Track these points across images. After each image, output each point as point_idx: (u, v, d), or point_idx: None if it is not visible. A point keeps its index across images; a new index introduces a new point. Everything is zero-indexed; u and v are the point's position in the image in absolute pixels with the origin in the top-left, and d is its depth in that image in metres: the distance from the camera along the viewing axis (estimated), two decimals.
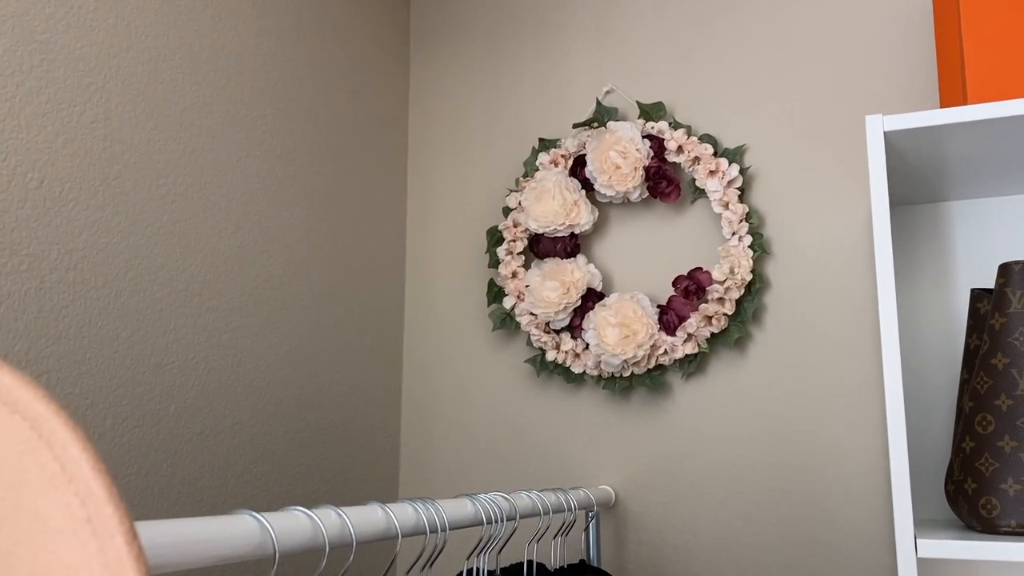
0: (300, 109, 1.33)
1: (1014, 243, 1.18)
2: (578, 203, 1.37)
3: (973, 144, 1.01)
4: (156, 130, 1.07)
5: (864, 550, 1.21)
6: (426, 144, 1.59)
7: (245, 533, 0.54)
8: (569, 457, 1.40)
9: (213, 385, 1.13)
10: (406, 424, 1.52)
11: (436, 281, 1.54)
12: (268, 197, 1.25)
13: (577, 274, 1.36)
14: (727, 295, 1.29)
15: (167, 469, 1.05)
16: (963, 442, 0.98)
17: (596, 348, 1.32)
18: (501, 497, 0.90)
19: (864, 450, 1.23)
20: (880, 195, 0.95)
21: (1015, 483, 0.92)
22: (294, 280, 1.29)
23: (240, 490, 1.16)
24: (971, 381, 1.00)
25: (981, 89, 1.01)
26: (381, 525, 0.68)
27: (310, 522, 0.60)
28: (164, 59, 1.09)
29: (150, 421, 1.03)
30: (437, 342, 1.52)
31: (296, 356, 1.28)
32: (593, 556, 1.25)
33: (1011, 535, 0.92)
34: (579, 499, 1.13)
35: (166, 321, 1.07)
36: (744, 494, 1.28)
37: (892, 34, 1.31)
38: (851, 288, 1.27)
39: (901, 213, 1.25)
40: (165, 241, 1.08)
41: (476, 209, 1.53)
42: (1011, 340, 0.96)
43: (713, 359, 1.33)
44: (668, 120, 1.39)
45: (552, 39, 1.52)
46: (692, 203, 1.38)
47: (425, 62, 1.62)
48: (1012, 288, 0.97)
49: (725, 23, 1.41)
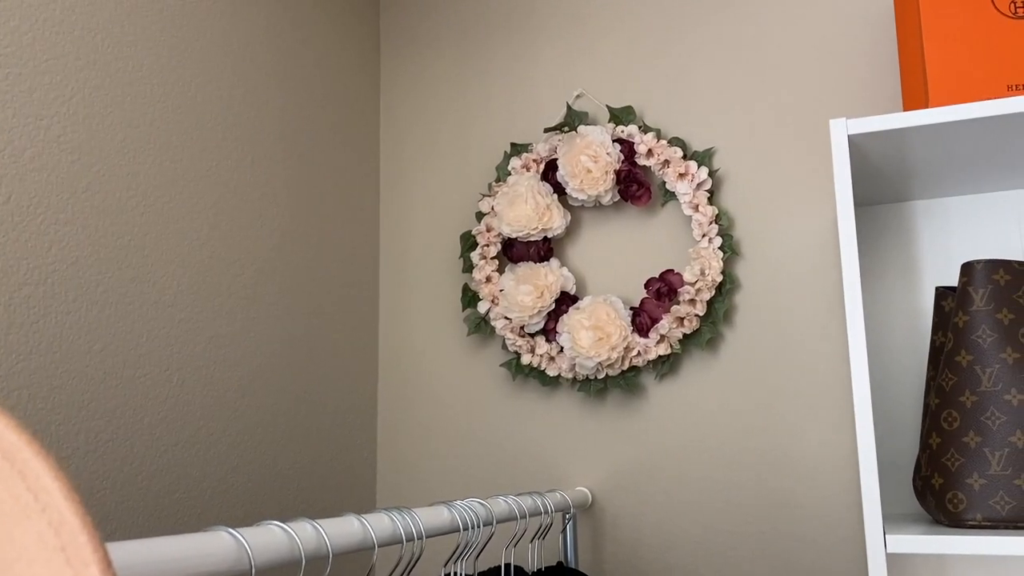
0: (270, 117, 1.33)
1: (977, 241, 1.21)
2: (550, 207, 1.38)
3: (935, 146, 1.03)
4: (125, 142, 1.07)
5: (836, 545, 1.23)
6: (398, 150, 1.59)
7: (220, 549, 0.54)
8: (546, 459, 1.41)
9: (187, 396, 1.13)
10: (382, 431, 1.52)
11: (410, 287, 1.54)
12: (239, 207, 1.25)
13: (551, 278, 1.37)
14: (698, 296, 1.30)
15: (142, 482, 1.05)
16: (930, 438, 1.00)
17: (570, 351, 1.33)
18: (477, 503, 0.91)
19: (835, 447, 1.25)
20: (845, 196, 0.96)
21: (980, 478, 0.94)
22: (267, 289, 1.29)
23: (216, 501, 1.16)
24: (937, 378, 1.02)
25: (942, 92, 1.03)
26: (357, 536, 0.68)
27: (286, 536, 0.60)
28: (132, 71, 1.09)
29: (124, 435, 1.03)
30: (412, 348, 1.52)
31: (270, 365, 1.28)
32: (570, 558, 1.26)
33: (977, 529, 0.94)
34: (556, 502, 1.14)
35: (138, 334, 1.06)
36: (718, 492, 1.30)
37: (856, 39, 1.33)
38: (819, 287, 1.29)
39: (867, 213, 1.27)
40: (136, 253, 1.07)
41: (449, 214, 1.53)
42: (974, 337, 0.98)
43: (686, 360, 1.35)
44: (638, 124, 1.41)
45: (522, 44, 1.53)
46: (663, 206, 1.40)
47: (396, 67, 1.62)
48: (974, 287, 0.99)
49: (693, 28, 1.42)
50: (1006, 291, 0.98)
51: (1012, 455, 0.94)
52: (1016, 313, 0.98)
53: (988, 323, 0.97)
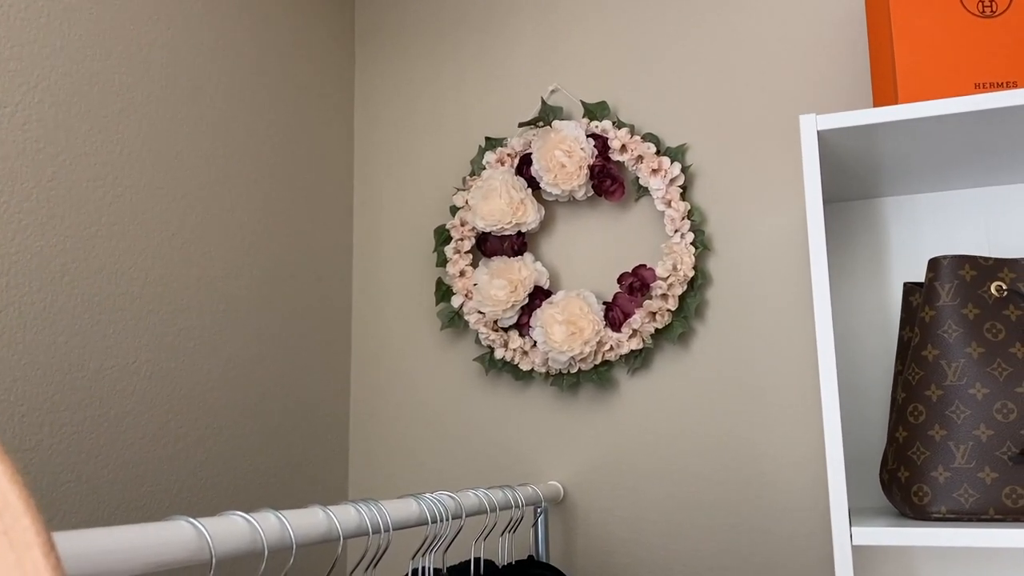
0: (242, 108, 1.32)
1: (945, 238, 1.22)
2: (524, 202, 1.38)
3: (904, 142, 1.04)
4: (92, 131, 1.05)
5: (805, 538, 1.24)
6: (372, 143, 1.59)
7: (180, 539, 0.54)
8: (519, 454, 1.41)
9: (155, 390, 1.12)
10: (355, 426, 1.51)
11: (383, 281, 1.54)
12: (209, 198, 1.24)
13: (524, 272, 1.37)
14: (670, 291, 1.31)
15: (108, 475, 1.04)
16: (896, 432, 1.01)
17: (544, 345, 1.33)
18: (447, 495, 0.91)
19: (804, 441, 1.26)
20: (814, 192, 0.97)
21: (945, 471, 0.95)
22: (238, 281, 1.28)
23: (184, 496, 1.15)
24: (904, 372, 1.03)
25: (911, 89, 1.04)
26: (322, 527, 0.68)
27: (248, 526, 0.60)
28: (100, 59, 1.07)
29: (89, 427, 1.02)
30: (385, 342, 1.52)
31: (241, 358, 1.27)
32: (542, 551, 1.26)
33: (941, 521, 0.95)
34: (527, 495, 1.14)
35: (105, 325, 1.05)
36: (689, 486, 1.31)
37: (827, 36, 1.34)
38: (790, 283, 1.30)
39: (836, 210, 1.28)
40: (103, 244, 1.06)
41: (423, 208, 1.53)
42: (940, 332, 0.99)
43: (657, 354, 1.35)
44: (612, 119, 1.41)
45: (497, 38, 1.53)
46: (636, 201, 1.40)
47: (370, 60, 1.61)
48: (941, 282, 1.00)
49: (667, 24, 1.43)
50: (972, 286, 1.00)
51: (976, 448, 0.95)
52: (982, 308, 0.99)
53: (954, 318, 0.99)
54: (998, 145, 1.06)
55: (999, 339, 0.97)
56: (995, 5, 1.06)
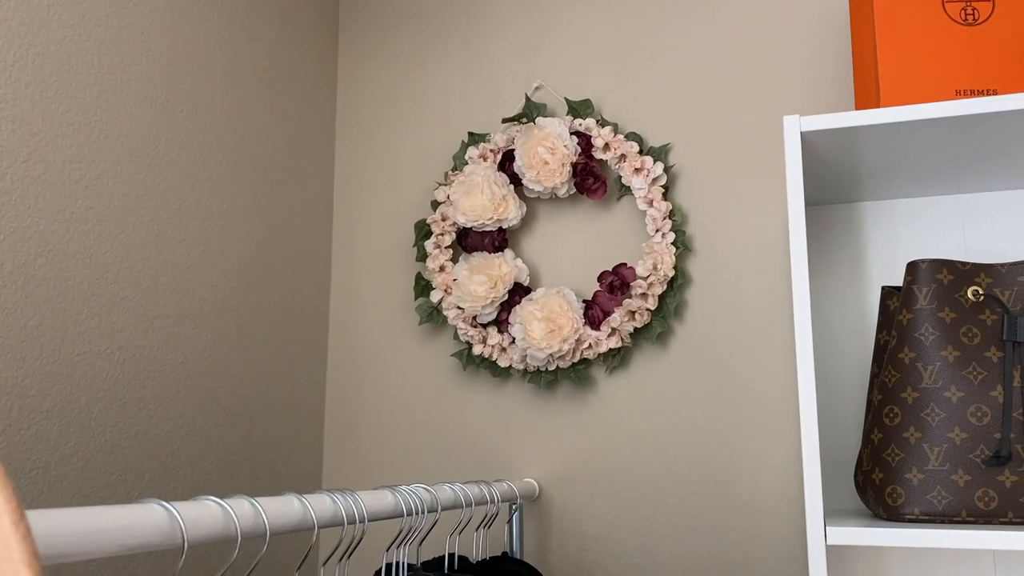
0: (223, 96, 1.30)
1: (923, 243, 1.23)
2: (506, 198, 1.38)
3: (885, 146, 1.05)
4: (69, 113, 1.04)
5: (780, 539, 1.24)
6: (354, 137, 1.58)
7: (152, 522, 0.53)
8: (495, 450, 1.40)
9: (128, 376, 1.10)
10: (330, 418, 1.50)
11: (363, 274, 1.53)
12: (188, 186, 1.22)
13: (504, 268, 1.37)
14: (650, 290, 1.31)
15: (78, 462, 1.02)
16: (872, 433, 1.02)
17: (522, 342, 1.32)
18: (422, 489, 0.90)
19: (781, 442, 1.26)
20: (796, 193, 0.97)
21: (919, 472, 0.96)
22: (215, 270, 1.26)
23: (156, 484, 1.13)
24: (880, 375, 1.03)
25: (893, 93, 1.05)
26: (297, 516, 0.67)
27: (222, 512, 0.59)
28: (78, 40, 1.06)
29: (59, 413, 1.00)
30: (363, 335, 1.51)
31: (217, 348, 1.26)
32: (516, 548, 1.26)
33: (915, 522, 0.96)
34: (502, 491, 1.14)
35: (78, 310, 1.03)
36: (665, 485, 1.31)
37: (812, 40, 1.35)
38: (769, 284, 1.30)
39: (818, 213, 1.28)
40: (78, 228, 1.04)
41: (404, 202, 1.52)
42: (917, 335, 1.00)
43: (636, 353, 1.35)
44: (596, 118, 1.41)
45: (483, 34, 1.52)
46: (618, 200, 1.40)
47: (354, 52, 1.60)
48: (919, 285, 1.01)
49: (653, 25, 1.43)
50: (949, 290, 1.00)
51: (950, 451, 0.96)
52: (958, 312, 1.00)
53: (931, 321, 0.99)
54: (977, 152, 1.07)
55: (975, 343, 0.98)
56: (977, 13, 1.07)
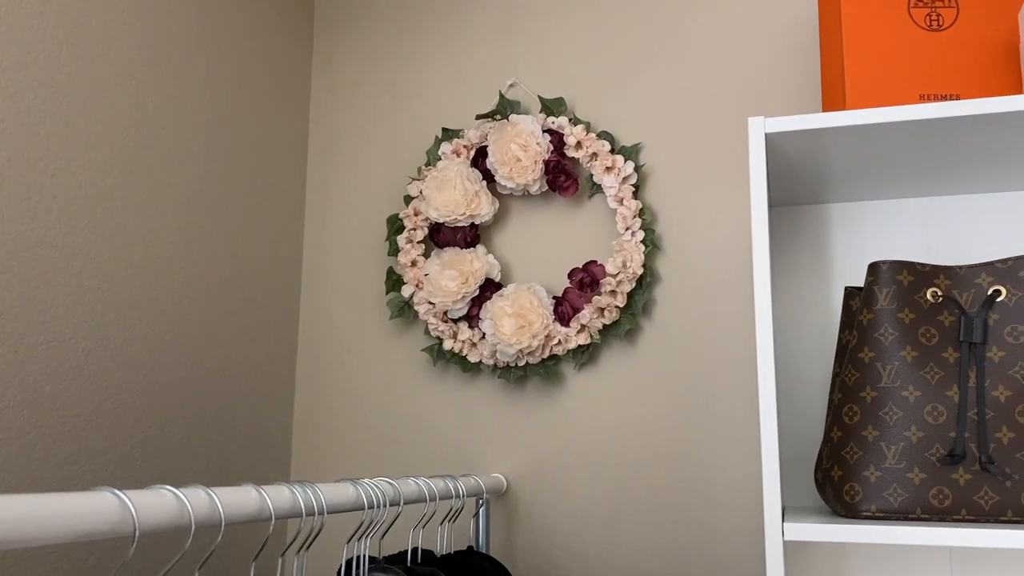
0: (194, 84, 1.30)
1: (886, 244, 1.25)
2: (479, 194, 1.38)
3: (850, 148, 1.06)
4: (35, 100, 1.03)
5: (745, 534, 1.26)
6: (327, 130, 1.57)
7: (102, 510, 0.53)
8: (464, 445, 1.41)
9: (93, 366, 1.10)
10: (299, 411, 1.50)
11: (334, 268, 1.53)
12: (155, 173, 1.22)
13: (476, 264, 1.37)
14: (619, 288, 1.32)
15: (40, 452, 1.02)
16: (832, 432, 1.03)
17: (492, 337, 1.33)
18: (385, 482, 0.91)
19: (745, 440, 1.28)
20: (759, 194, 0.98)
21: (876, 470, 0.97)
22: (182, 260, 1.26)
23: (120, 475, 1.13)
24: (841, 374, 1.05)
25: (858, 97, 1.07)
26: (253, 506, 0.67)
27: (176, 501, 0.59)
28: (44, 28, 1.05)
29: (22, 402, 0.99)
30: (333, 329, 1.51)
31: (184, 339, 1.25)
32: (482, 543, 1.26)
33: (871, 519, 0.97)
34: (468, 486, 1.14)
35: (42, 299, 1.03)
36: (631, 481, 1.32)
37: (780, 41, 1.36)
38: (735, 284, 1.32)
39: (782, 214, 1.30)
40: (43, 216, 1.04)
41: (377, 197, 1.52)
42: (877, 335, 1.01)
43: (605, 350, 1.36)
44: (568, 116, 1.41)
45: (458, 31, 1.53)
46: (589, 198, 1.41)
47: (329, 45, 1.60)
48: (879, 286, 1.03)
49: (625, 24, 1.44)
50: (909, 291, 1.02)
51: (907, 449, 0.97)
52: (917, 313, 1.01)
53: (890, 321, 1.01)
54: (941, 155, 1.08)
55: (932, 343, 1.00)
56: (942, 19, 1.09)
